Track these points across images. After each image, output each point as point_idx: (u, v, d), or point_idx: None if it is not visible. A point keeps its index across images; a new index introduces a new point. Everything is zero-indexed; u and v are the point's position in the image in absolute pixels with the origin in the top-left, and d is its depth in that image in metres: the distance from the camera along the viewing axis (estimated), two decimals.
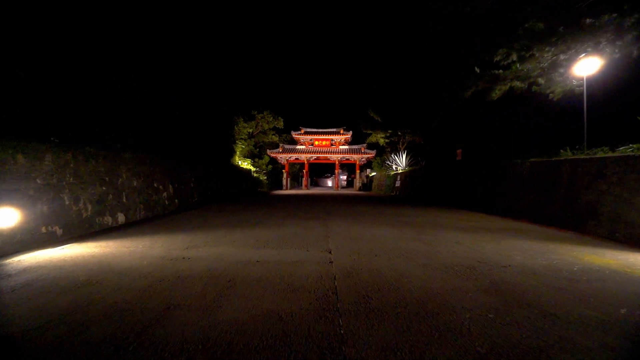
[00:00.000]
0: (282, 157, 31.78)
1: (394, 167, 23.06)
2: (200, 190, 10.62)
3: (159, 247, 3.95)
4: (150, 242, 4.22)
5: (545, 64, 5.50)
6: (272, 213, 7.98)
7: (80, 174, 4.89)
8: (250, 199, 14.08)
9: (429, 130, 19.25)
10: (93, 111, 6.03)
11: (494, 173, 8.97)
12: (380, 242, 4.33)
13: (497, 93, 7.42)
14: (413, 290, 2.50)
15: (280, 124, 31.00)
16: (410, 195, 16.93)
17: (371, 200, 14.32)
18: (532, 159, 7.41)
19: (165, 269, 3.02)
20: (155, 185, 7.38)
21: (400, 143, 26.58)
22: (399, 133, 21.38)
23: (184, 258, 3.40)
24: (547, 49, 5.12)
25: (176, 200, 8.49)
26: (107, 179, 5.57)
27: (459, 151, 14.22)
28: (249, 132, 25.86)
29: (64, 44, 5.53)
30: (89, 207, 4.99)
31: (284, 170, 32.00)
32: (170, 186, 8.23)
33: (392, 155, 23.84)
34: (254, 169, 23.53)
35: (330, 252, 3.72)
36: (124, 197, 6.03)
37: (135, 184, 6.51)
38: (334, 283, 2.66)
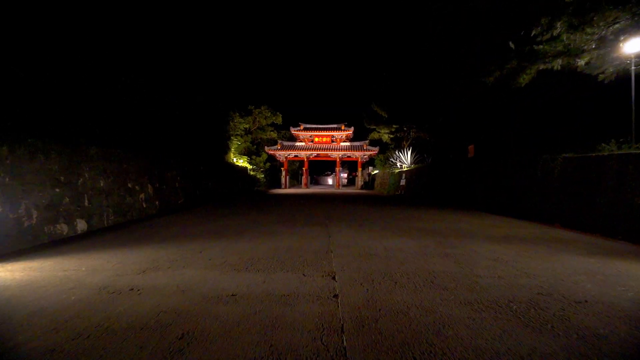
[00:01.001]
0: (281, 155, 30.89)
1: (398, 164, 22.13)
2: (188, 191, 9.71)
3: (108, 269, 3.04)
4: (101, 261, 3.31)
5: (604, 33, 4.54)
6: (265, 217, 7.07)
7: (22, 173, 3.98)
8: (245, 200, 13.18)
9: (436, 126, 18.31)
10: (47, 96, 5.11)
11: (515, 171, 8.04)
12: (397, 260, 3.42)
13: (525, 78, 6.47)
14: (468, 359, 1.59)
15: (279, 119, 30.04)
16: (417, 194, 16.02)
17: (376, 201, 13.42)
18: (565, 155, 6.49)
19: (96, 311, 2.11)
20: (129, 185, 6.47)
21: (405, 140, 25.64)
22: (405, 128, 20.43)
23: (132, 289, 2.49)
24: (609, 13, 4.15)
25: (157, 203, 7.58)
26: (62, 178, 4.65)
27: (470, 147, 13.29)
28: (245, 128, 24.89)
29: None
30: (34, 213, 4.08)
31: (282, 168, 31.12)
32: (150, 186, 7.31)
33: (397, 152, 22.90)
34: (251, 167, 22.62)
35: (334, 278, 2.81)
36: (86, 201, 5.12)
37: (102, 185, 5.60)
38: (342, 341, 1.75)
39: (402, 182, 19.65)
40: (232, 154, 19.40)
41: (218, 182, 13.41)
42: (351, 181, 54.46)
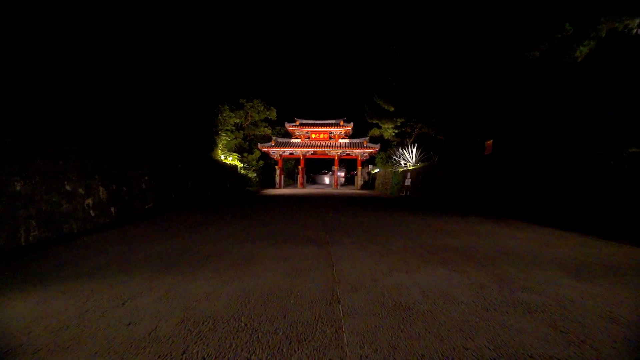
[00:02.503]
0: (275, 152, 29.45)
1: (402, 163, 20.80)
2: (159, 193, 8.25)
3: None
4: None
5: None
6: (248, 229, 5.66)
7: None
8: (230, 203, 11.74)
9: (444, 121, 16.98)
10: None
11: (559, 170, 6.70)
12: (454, 323, 2.03)
13: (582, 50, 5.11)
14: None
15: (273, 114, 28.58)
16: (425, 196, 14.69)
17: (381, 204, 12.05)
18: (633, 150, 5.17)
19: None
20: (67, 187, 5.01)
21: (408, 137, 24.34)
22: (410, 124, 19.08)
23: None
24: None
25: (112, 209, 6.12)
26: None
27: (488, 143, 11.98)
28: (235, 123, 23.39)
29: None
30: None
31: (276, 167, 29.68)
32: (101, 188, 5.86)
33: (400, 150, 21.58)
34: (241, 165, 21.13)
35: None
36: None
37: (19, 188, 4.15)
38: None
39: (407, 182, 18.34)
40: (219, 151, 17.92)
41: (201, 182, 11.95)
42: (349, 180, 53.21)
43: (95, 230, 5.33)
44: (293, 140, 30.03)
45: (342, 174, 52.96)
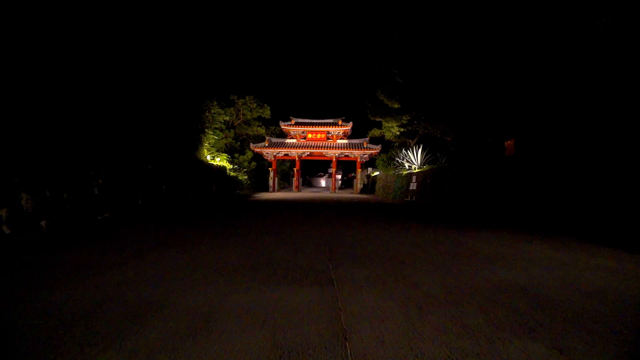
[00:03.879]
0: (269, 153, 28.07)
1: (406, 165, 19.55)
2: (120, 200, 6.83)
3: None
4: None
5: None
6: (220, 253, 4.28)
7: None
8: (212, 211, 10.33)
9: (455, 119, 15.78)
10: None
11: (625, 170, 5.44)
12: None
13: None
14: None
15: (267, 112, 27.27)
16: (436, 201, 13.40)
17: (389, 212, 10.72)
18: None
19: None
20: None
21: (411, 137, 23.16)
22: (417, 121, 17.86)
23: None
24: None
25: (43, 223, 4.69)
26: None
27: (508, 144, 10.74)
28: (225, 121, 21.98)
29: None
30: None
31: (270, 169, 28.27)
32: (25, 195, 4.44)
33: (404, 151, 20.36)
34: (231, 167, 19.70)
35: None
36: None
37: None
38: None
39: (412, 186, 17.08)
40: (205, 151, 16.49)
41: (180, 185, 10.53)
42: (347, 183, 51.95)
43: (7, 254, 3.91)
44: (288, 141, 28.69)
45: (340, 176, 51.67)
